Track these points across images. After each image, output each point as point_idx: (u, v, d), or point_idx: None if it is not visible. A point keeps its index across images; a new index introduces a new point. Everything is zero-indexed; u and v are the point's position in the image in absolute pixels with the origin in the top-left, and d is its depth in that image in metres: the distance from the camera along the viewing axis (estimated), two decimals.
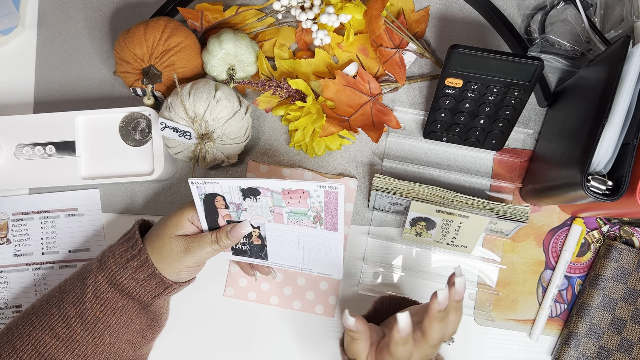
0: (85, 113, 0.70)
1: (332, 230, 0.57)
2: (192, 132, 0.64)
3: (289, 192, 0.55)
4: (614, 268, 0.66)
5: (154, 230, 0.60)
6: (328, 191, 0.53)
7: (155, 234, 0.60)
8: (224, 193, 0.57)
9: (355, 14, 0.68)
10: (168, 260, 0.59)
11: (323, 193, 0.54)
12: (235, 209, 0.58)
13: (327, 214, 0.56)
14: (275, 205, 0.56)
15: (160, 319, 0.64)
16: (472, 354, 0.68)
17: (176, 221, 0.59)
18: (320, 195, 0.54)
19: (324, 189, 0.53)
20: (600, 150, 0.53)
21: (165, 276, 0.59)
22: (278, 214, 0.57)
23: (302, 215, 0.56)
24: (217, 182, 0.56)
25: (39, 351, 0.57)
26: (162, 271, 0.59)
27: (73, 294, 0.59)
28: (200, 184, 0.57)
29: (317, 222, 0.57)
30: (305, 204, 0.55)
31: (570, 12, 0.66)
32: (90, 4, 0.76)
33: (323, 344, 0.69)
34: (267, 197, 0.56)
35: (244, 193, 0.56)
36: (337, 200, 0.54)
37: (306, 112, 0.67)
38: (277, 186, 0.54)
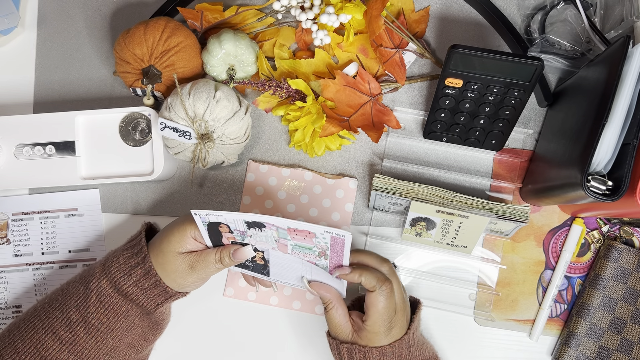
0: (85, 113, 0.70)
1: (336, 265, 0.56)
2: (192, 132, 0.64)
3: (295, 230, 0.53)
4: (614, 268, 0.66)
5: (157, 245, 0.59)
6: (335, 237, 0.52)
7: (158, 250, 0.59)
8: (227, 222, 0.56)
9: (355, 14, 0.68)
10: (172, 277, 0.59)
11: (329, 238, 0.53)
12: (239, 234, 0.57)
13: (332, 253, 0.55)
14: (280, 237, 0.55)
15: (163, 322, 0.64)
16: (472, 354, 0.68)
17: (179, 238, 0.58)
18: (326, 239, 0.53)
19: (331, 235, 0.52)
20: (600, 151, 0.53)
21: (168, 286, 0.59)
22: (282, 244, 0.56)
23: (307, 249, 0.55)
24: (220, 215, 0.54)
25: (41, 354, 0.57)
26: (166, 282, 0.59)
27: (76, 298, 0.59)
28: (203, 215, 0.55)
29: (321, 257, 0.56)
30: (311, 242, 0.54)
31: (570, 12, 0.66)
32: (90, 4, 0.76)
33: (323, 344, 0.69)
34: (272, 230, 0.55)
35: (248, 225, 0.55)
36: (343, 246, 0.53)
37: (306, 112, 0.67)
38: (282, 224, 0.53)
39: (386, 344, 0.56)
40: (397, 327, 0.57)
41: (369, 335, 0.56)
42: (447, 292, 0.69)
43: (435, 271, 0.69)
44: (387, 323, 0.56)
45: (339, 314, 0.58)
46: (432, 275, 0.69)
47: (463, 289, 0.69)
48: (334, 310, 0.58)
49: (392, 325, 0.56)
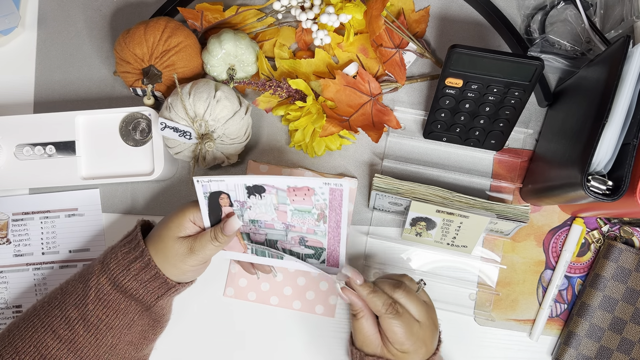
0: (85, 113, 0.70)
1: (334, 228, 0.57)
2: (192, 132, 0.64)
3: (294, 189, 0.55)
4: (614, 268, 0.66)
5: (156, 232, 0.60)
6: (333, 188, 0.54)
7: (157, 236, 0.59)
8: (229, 191, 0.57)
9: (355, 14, 0.68)
10: (173, 262, 0.59)
11: (328, 190, 0.54)
12: (239, 206, 0.58)
13: (331, 211, 0.56)
14: (280, 202, 0.56)
15: (163, 319, 0.64)
16: (472, 354, 0.68)
17: (178, 222, 0.59)
18: (325, 193, 0.54)
19: (329, 186, 0.53)
20: (601, 150, 0.53)
21: (169, 277, 0.59)
22: (282, 211, 0.57)
23: (306, 212, 0.56)
24: (222, 179, 0.56)
25: (41, 353, 0.57)
26: (165, 272, 0.59)
27: (75, 296, 0.59)
28: (205, 182, 0.56)
29: (320, 220, 0.57)
30: (310, 201, 0.55)
31: (570, 12, 0.66)
32: (90, 4, 0.76)
33: (323, 343, 0.69)
34: (272, 195, 0.56)
35: (249, 191, 0.56)
36: (341, 198, 0.54)
37: (306, 112, 0.67)
38: (282, 183, 0.54)
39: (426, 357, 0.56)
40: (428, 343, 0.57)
41: (399, 354, 0.56)
42: (447, 292, 0.69)
43: (436, 271, 0.70)
44: (411, 342, 0.56)
45: (369, 324, 0.58)
46: (432, 275, 0.69)
47: (463, 288, 0.69)
48: (364, 320, 0.58)
49: (416, 343, 0.56)
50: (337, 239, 0.58)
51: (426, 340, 0.57)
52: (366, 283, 0.58)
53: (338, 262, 0.61)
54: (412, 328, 0.56)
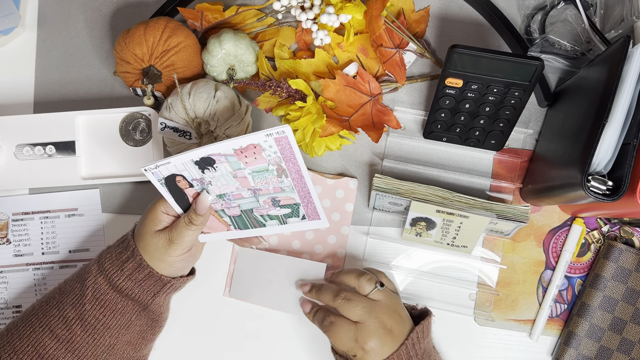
0: (85, 113, 0.70)
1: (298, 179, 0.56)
2: (192, 132, 0.64)
3: (241, 150, 0.53)
4: (614, 268, 0.66)
5: (138, 232, 0.60)
6: (278, 137, 0.52)
7: (138, 235, 0.59)
8: (180, 172, 0.56)
9: (355, 14, 0.67)
10: (157, 257, 0.59)
11: (274, 141, 0.53)
12: (199, 184, 0.57)
13: (287, 162, 0.54)
14: (235, 169, 0.55)
15: (161, 318, 0.64)
16: (472, 354, 0.68)
17: (152, 217, 0.59)
18: (272, 145, 0.53)
19: (273, 137, 0.52)
20: (601, 151, 0.53)
21: (162, 273, 0.59)
22: (242, 177, 0.56)
23: (265, 172, 0.55)
24: (168, 161, 0.55)
25: (39, 352, 0.57)
26: (156, 268, 0.59)
27: (73, 296, 0.59)
28: (153, 169, 0.55)
29: (281, 174, 0.56)
30: (262, 158, 0.54)
31: (570, 12, 0.66)
32: (90, 4, 0.76)
33: (322, 344, 0.69)
34: (223, 164, 0.55)
35: (199, 166, 0.55)
36: (290, 145, 0.53)
37: (306, 112, 0.67)
38: (226, 148, 0.53)
39: (386, 355, 0.57)
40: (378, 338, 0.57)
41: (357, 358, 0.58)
42: (447, 292, 0.69)
43: (436, 271, 0.69)
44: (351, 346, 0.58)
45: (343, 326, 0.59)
46: (432, 275, 0.69)
47: (463, 289, 0.69)
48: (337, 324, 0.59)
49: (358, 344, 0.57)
50: (306, 189, 0.57)
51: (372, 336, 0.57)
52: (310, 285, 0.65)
53: (317, 213, 0.60)
54: (348, 333, 0.58)
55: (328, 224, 0.61)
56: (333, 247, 0.70)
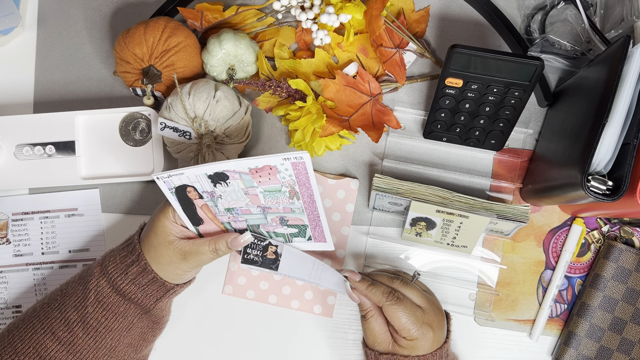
0: (85, 113, 0.70)
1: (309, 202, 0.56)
2: (191, 132, 0.64)
3: (257, 170, 0.53)
4: (614, 268, 0.66)
5: (146, 239, 0.59)
6: (295, 162, 0.52)
7: (149, 244, 0.59)
8: (192, 183, 0.55)
9: (355, 13, 0.67)
10: (168, 269, 0.59)
11: (290, 165, 0.52)
12: (209, 197, 0.57)
13: (300, 186, 0.54)
14: (248, 186, 0.55)
15: (162, 321, 0.64)
16: (472, 354, 0.68)
17: (162, 226, 0.59)
18: (288, 169, 0.53)
19: (290, 161, 0.52)
20: (601, 150, 0.53)
21: (166, 280, 0.59)
22: (253, 195, 0.56)
23: (277, 192, 0.55)
24: (182, 172, 0.54)
25: (40, 354, 0.57)
26: (162, 275, 0.59)
27: (75, 298, 0.59)
28: (166, 178, 0.55)
29: (293, 197, 0.55)
30: (277, 180, 0.54)
31: (570, 12, 0.66)
32: (90, 4, 0.76)
33: (321, 343, 0.69)
34: (236, 180, 0.54)
35: (212, 179, 0.55)
36: (306, 171, 0.52)
37: (306, 112, 0.67)
38: (242, 166, 0.53)
39: (428, 352, 0.57)
40: (435, 327, 0.57)
41: (409, 343, 0.57)
42: (447, 292, 0.69)
43: (436, 271, 0.69)
44: (416, 327, 0.56)
45: (379, 323, 0.59)
46: (432, 275, 0.69)
47: (463, 289, 0.69)
48: (373, 320, 0.59)
49: (422, 327, 0.57)
50: (316, 213, 0.57)
51: (433, 325, 0.57)
52: (364, 278, 0.59)
53: (324, 237, 0.60)
54: (416, 313, 0.57)
55: (333, 247, 0.61)
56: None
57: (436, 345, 0.58)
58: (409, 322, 0.56)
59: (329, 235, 0.60)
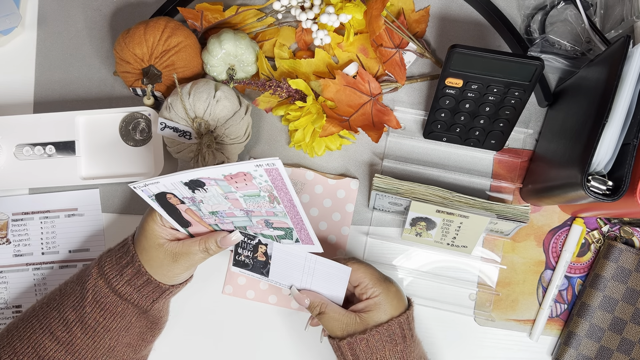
0: (85, 113, 0.70)
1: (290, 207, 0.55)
2: (192, 132, 0.64)
3: (232, 176, 0.52)
4: (614, 268, 0.66)
5: (138, 242, 0.59)
6: (268, 169, 0.51)
7: (141, 247, 0.59)
8: (170, 190, 0.55)
9: (355, 14, 0.67)
10: (160, 271, 0.59)
11: (264, 172, 0.51)
12: (191, 202, 0.56)
13: (278, 191, 0.53)
14: (226, 192, 0.54)
15: (160, 321, 0.64)
16: (472, 354, 0.68)
17: (151, 230, 0.58)
18: (262, 175, 0.52)
19: (263, 168, 0.51)
20: (601, 150, 0.53)
21: (160, 282, 0.59)
22: (233, 199, 0.55)
23: (256, 197, 0.54)
24: (157, 181, 0.54)
25: (39, 354, 0.57)
26: (156, 277, 0.59)
27: (73, 298, 0.59)
28: (142, 187, 0.55)
29: (273, 201, 0.55)
30: (253, 185, 0.53)
31: (570, 12, 0.66)
32: (90, 4, 0.76)
33: (319, 343, 0.69)
34: (213, 186, 0.54)
35: (189, 186, 0.54)
36: (281, 177, 0.52)
37: (306, 112, 0.67)
38: (216, 174, 0.52)
39: (392, 315, 0.57)
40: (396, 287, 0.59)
41: (375, 302, 0.58)
42: (447, 292, 0.69)
43: (436, 271, 0.69)
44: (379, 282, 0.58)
45: (335, 309, 0.59)
46: (432, 275, 0.69)
47: (463, 289, 0.69)
48: (329, 308, 0.59)
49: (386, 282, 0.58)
50: (298, 217, 0.56)
51: (393, 283, 0.59)
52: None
53: (310, 239, 0.59)
54: (375, 272, 0.59)
55: (321, 249, 0.60)
56: (333, 248, 0.70)
57: (398, 311, 0.58)
58: (373, 277, 0.58)
59: (315, 237, 0.59)
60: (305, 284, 0.61)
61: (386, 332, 0.56)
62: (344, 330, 0.58)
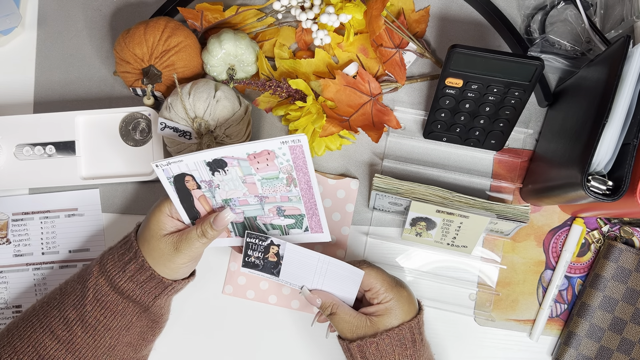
0: (85, 113, 0.70)
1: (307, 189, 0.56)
2: (192, 132, 0.64)
3: (255, 155, 0.53)
4: (614, 268, 0.66)
5: (142, 234, 0.60)
6: (292, 146, 0.52)
7: (143, 239, 0.59)
8: (191, 171, 0.55)
9: (355, 13, 0.67)
10: (162, 262, 0.58)
11: (288, 149, 0.52)
12: (207, 187, 0.57)
13: (298, 172, 0.54)
14: (246, 174, 0.55)
15: (161, 320, 0.64)
16: (472, 354, 0.68)
17: (156, 220, 0.59)
18: (286, 153, 0.53)
19: (288, 145, 0.52)
20: (601, 150, 0.53)
21: (163, 276, 0.59)
22: (250, 183, 0.56)
23: (275, 179, 0.55)
24: (181, 159, 0.54)
25: (39, 353, 0.57)
26: (159, 271, 0.59)
27: (74, 297, 0.59)
28: (165, 165, 0.55)
29: (290, 184, 0.55)
30: (274, 165, 0.54)
31: (570, 12, 0.66)
32: (90, 4, 0.76)
33: (320, 343, 0.69)
34: (235, 167, 0.54)
35: (211, 167, 0.55)
36: (303, 155, 0.53)
37: (306, 112, 0.67)
38: (241, 152, 0.53)
39: (396, 324, 0.57)
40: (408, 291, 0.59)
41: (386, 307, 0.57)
42: (447, 292, 0.69)
43: (436, 271, 0.69)
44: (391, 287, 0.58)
45: (347, 310, 0.59)
46: (432, 275, 0.69)
47: (463, 289, 0.69)
48: (340, 309, 0.59)
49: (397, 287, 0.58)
50: (313, 200, 0.57)
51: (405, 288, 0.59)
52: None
53: (321, 227, 0.59)
54: (387, 277, 0.59)
55: (330, 238, 0.60)
56: (333, 247, 0.70)
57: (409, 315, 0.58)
58: (385, 282, 0.58)
59: (326, 224, 0.59)
60: (317, 284, 0.60)
61: (397, 336, 0.57)
62: (354, 332, 0.58)
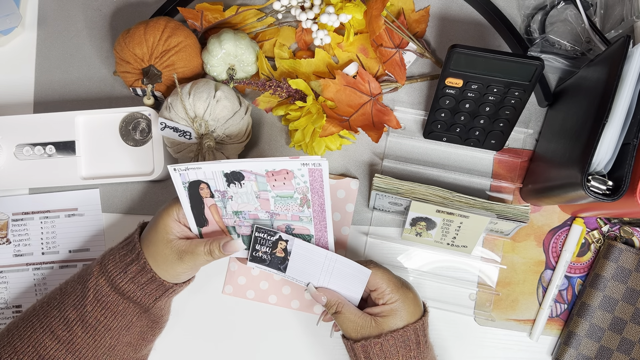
0: (85, 113, 0.70)
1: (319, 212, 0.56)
2: (192, 132, 0.64)
3: (273, 173, 0.53)
4: (614, 268, 0.66)
5: (147, 236, 0.59)
6: (312, 169, 0.52)
7: (148, 241, 0.59)
8: (207, 180, 0.55)
9: (355, 13, 0.67)
10: (164, 267, 0.59)
11: (307, 172, 0.52)
12: (220, 197, 0.56)
13: (313, 194, 0.54)
14: (261, 190, 0.55)
15: (161, 320, 0.64)
16: (472, 353, 0.68)
17: (164, 224, 0.59)
18: (304, 175, 0.53)
19: (308, 167, 0.52)
20: (601, 150, 0.53)
21: (164, 279, 0.59)
22: (264, 199, 0.56)
23: (289, 198, 0.55)
24: (199, 167, 0.54)
25: (40, 353, 0.57)
26: (160, 275, 0.59)
27: (74, 297, 0.59)
28: (182, 170, 0.54)
29: (304, 204, 0.55)
30: (291, 185, 0.54)
31: (570, 12, 0.66)
32: (90, 4, 0.76)
33: (321, 343, 0.69)
34: (251, 182, 0.54)
35: (227, 178, 0.55)
36: (322, 179, 0.52)
37: (306, 112, 0.67)
38: (260, 168, 0.53)
39: (401, 325, 0.57)
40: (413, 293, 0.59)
41: (392, 308, 0.57)
42: (447, 292, 0.69)
43: (436, 271, 0.69)
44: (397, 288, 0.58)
45: (352, 310, 0.59)
46: (433, 275, 0.69)
47: (463, 288, 0.69)
48: (346, 308, 0.59)
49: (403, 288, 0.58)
50: (324, 223, 0.57)
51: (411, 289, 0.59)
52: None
53: (327, 246, 0.59)
54: (394, 277, 0.59)
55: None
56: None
57: (414, 317, 0.58)
58: (391, 283, 0.58)
59: (332, 245, 0.59)
60: (323, 282, 0.60)
61: (401, 337, 0.57)
62: (359, 332, 0.58)
